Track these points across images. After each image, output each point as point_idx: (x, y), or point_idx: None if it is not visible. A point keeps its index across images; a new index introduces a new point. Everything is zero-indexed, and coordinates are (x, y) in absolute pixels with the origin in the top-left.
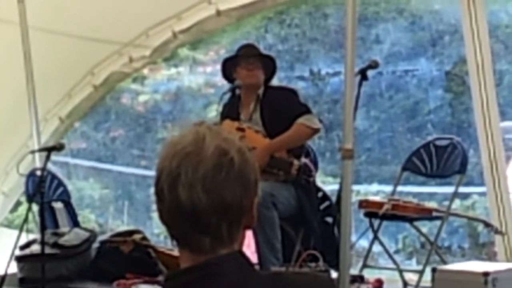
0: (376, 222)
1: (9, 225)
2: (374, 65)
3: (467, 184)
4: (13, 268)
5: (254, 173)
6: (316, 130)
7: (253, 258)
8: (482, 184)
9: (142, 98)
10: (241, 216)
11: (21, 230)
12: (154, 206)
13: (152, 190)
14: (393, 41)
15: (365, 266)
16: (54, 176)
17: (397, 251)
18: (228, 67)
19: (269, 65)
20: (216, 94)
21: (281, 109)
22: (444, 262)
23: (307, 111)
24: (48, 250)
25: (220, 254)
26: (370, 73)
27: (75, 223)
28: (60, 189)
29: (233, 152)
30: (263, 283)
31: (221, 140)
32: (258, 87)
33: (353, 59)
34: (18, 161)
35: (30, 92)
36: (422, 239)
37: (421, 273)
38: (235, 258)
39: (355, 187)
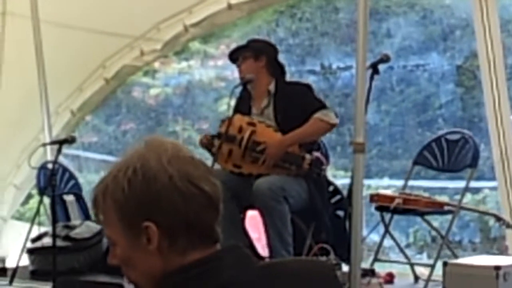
0: (387, 216)
1: (20, 217)
2: (385, 59)
3: (478, 178)
4: (25, 260)
5: None
6: (333, 125)
7: (264, 252)
8: (493, 178)
9: (153, 91)
10: None
11: (32, 223)
12: None
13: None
14: (404, 35)
15: (376, 260)
16: (65, 169)
17: (408, 245)
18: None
19: (267, 52)
20: (227, 88)
21: (296, 104)
22: (455, 256)
23: (324, 106)
24: (59, 243)
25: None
26: (381, 67)
27: (86, 216)
28: (72, 182)
29: None
30: (259, 274)
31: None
32: (258, 79)
33: (364, 53)
34: (30, 154)
35: (41, 86)
36: (433, 233)
37: (432, 267)
38: (233, 251)
39: (366, 181)
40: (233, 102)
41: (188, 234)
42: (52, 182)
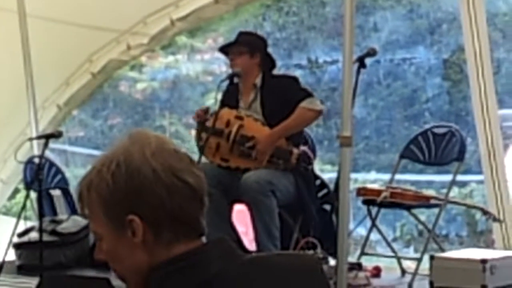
0: (374, 210)
1: (7, 212)
2: (372, 53)
3: (465, 172)
4: (11, 255)
5: None
6: (319, 112)
7: (251, 246)
8: (480, 172)
9: (140, 85)
10: None
11: (19, 218)
12: None
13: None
14: (391, 29)
15: (363, 253)
16: (52, 164)
17: (395, 239)
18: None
19: (261, 50)
20: (214, 82)
21: (282, 96)
22: (442, 250)
23: (309, 94)
24: (46, 238)
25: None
26: (368, 61)
27: (73, 211)
28: (58, 177)
29: None
30: (245, 268)
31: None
32: (249, 74)
33: (351, 47)
34: (16, 149)
35: (28, 80)
36: (420, 227)
37: (419, 260)
38: (219, 244)
39: (353, 175)
40: (219, 96)
41: (173, 227)
42: (39, 176)
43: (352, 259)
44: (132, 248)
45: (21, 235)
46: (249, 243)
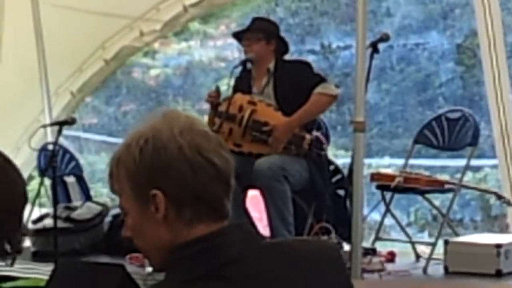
0: (388, 195)
1: None
2: (385, 38)
3: (479, 156)
4: (26, 242)
5: None
6: (335, 97)
7: (265, 231)
8: (493, 156)
9: (153, 72)
10: None
11: (33, 205)
12: None
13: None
14: (404, 14)
15: (377, 238)
16: (66, 151)
17: (409, 224)
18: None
19: (277, 38)
20: (227, 68)
21: (295, 82)
22: (456, 235)
23: (322, 79)
24: (60, 224)
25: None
26: (381, 46)
27: (87, 197)
28: (72, 163)
29: None
30: (266, 253)
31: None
32: (263, 60)
33: (364, 32)
34: (30, 136)
35: (41, 67)
36: (434, 211)
37: (433, 245)
38: (239, 228)
39: (367, 161)
40: (232, 82)
41: (195, 206)
42: (53, 163)
43: (367, 244)
44: (154, 224)
45: (35, 222)
46: (263, 228)
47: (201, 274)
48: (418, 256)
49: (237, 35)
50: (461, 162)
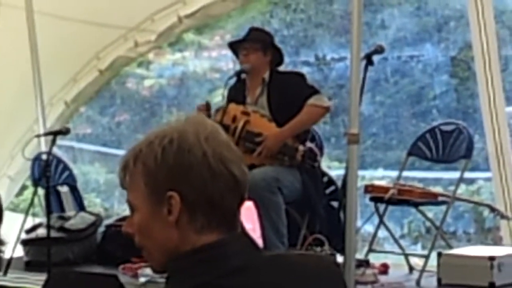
0: (381, 207)
1: (14, 209)
2: (379, 50)
3: (473, 169)
4: (19, 251)
5: None
6: (327, 108)
7: (259, 243)
8: (487, 169)
9: (147, 82)
10: None
11: (27, 214)
12: None
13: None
14: (399, 26)
15: (370, 250)
16: (59, 160)
17: (402, 236)
18: (238, 51)
19: (274, 49)
20: (221, 79)
21: (289, 93)
22: (450, 247)
23: (315, 91)
24: (54, 234)
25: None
26: (375, 58)
27: (81, 207)
28: (66, 173)
29: None
30: (267, 264)
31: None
32: (259, 71)
33: (358, 44)
34: (24, 145)
35: (35, 77)
36: (428, 224)
37: (426, 257)
38: (240, 239)
39: (361, 172)
40: (226, 92)
41: (209, 213)
42: (47, 173)
43: (360, 256)
44: (164, 225)
45: (29, 231)
46: (257, 240)
47: (201, 283)
48: (411, 268)
49: (233, 45)
50: (455, 175)
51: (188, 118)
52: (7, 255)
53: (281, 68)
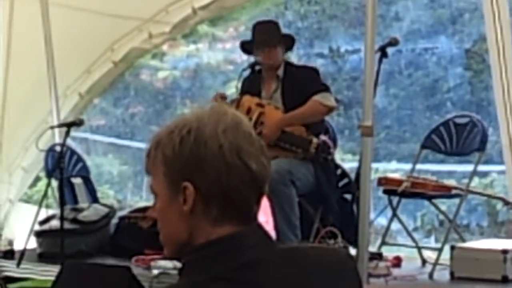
0: (395, 200)
1: (28, 200)
2: (394, 42)
3: (486, 162)
4: (32, 243)
5: None
6: (331, 109)
7: (272, 235)
8: (501, 162)
9: (161, 74)
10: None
11: (40, 206)
12: None
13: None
14: (413, 18)
15: (383, 243)
16: (73, 152)
17: (415, 229)
18: (249, 46)
19: (287, 40)
20: (235, 71)
21: (302, 88)
22: (463, 240)
23: (325, 89)
24: (67, 226)
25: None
26: (389, 50)
27: (94, 199)
28: (79, 165)
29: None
30: (281, 257)
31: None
32: (278, 66)
33: (373, 37)
34: (38, 137)
35: (49, 68)
36: (441, 217)
37: (439, 250)
38: (255, 232)
39: (374, 165)
40: (240, 84)
41: (223, 205)
42: (60, 164)
43: (373, 249)
44: (179, 214)
45: (42, 223)
46: (270, 232)
47: (214, 276)
48: (424, 261)
49: (246, 44)
50: (469, 168)
51: (211, 107)
52: (20, 247)
53: (295, 60)
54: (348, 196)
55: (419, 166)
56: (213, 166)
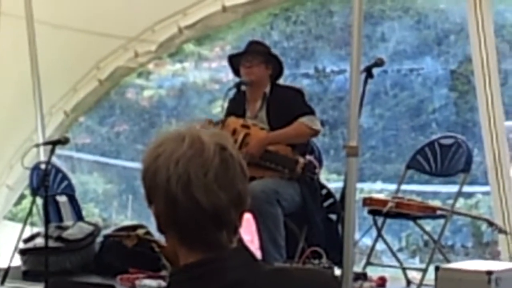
0: (380, 220)
1: (13, 218)
2: (379, 63)
3: (471, 183)
4: (17, 261)
5: (242, 160)
6: (316, 132)
7: (257, 255)
8: (486, 183)
9: (147, 93)
10: (246, 203)
11: (25, 223)
12: None
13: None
14: (399, 39)
15: (368, 263)
16: (58, 170)
17: (400, 249)
18: (236, 64)
19: (275, 62)
20: (221, 90)
21: (287, 108)
22: (448, 261)
23: (311, 112)
24: (51, 244)
25: (228, 248)
26: (375, 71)
27: (79, 217)
28: (65, 183)
29: (229, 145)
30: (266, 278)
31: (215, 137)
32: (261, 84)
33: (358, 57)
34: (23, 155)
35: (35, 86)
36: (426, 237)
37: (424, 271)
38: (240, 253)
39: (359, 185)
40: (226, 104)
41: (179, 234)
42: (45, 182)
43: (358, 269)
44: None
45: (26, 241)
46: (255, 252)
47: None
48: (409, 282)
49: (234, 58)
50: (453, 188)
51: (176, 132)
52: (4, 265)
53: (281, 80)
54: (333, 216)
55: (404, 187)
56: (161, 196)
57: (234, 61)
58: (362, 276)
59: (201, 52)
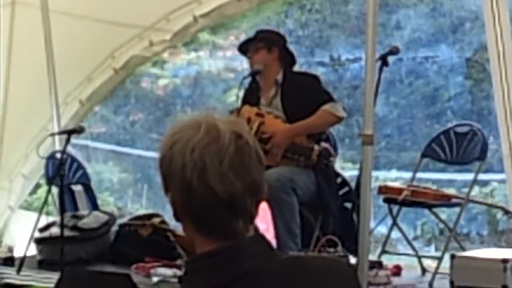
0: (395, 208)
1: (28, 207)
2: (395, 51)
3: (487, 171)
4: (32, 250)
5: (259, 147)
6: (341, 118)
7: (272, 243)
8: (501, 171)
9: (162, 82)
10: (263, 192)
11: (40, 213)
12: None
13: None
14: (414, 27)
15: (383, 252)
16: (73, 159)
17: (415, 238)
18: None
19: (278, 43)
20: (235, 79)
21: (303, 94)
22: (463, 249)
23: (332, 98)
24: (67, 233)
25: (245, 237)
26: (390, 59)
27: (94, 206)
28: (80, 172)
29: (245, 133)
30: (282, 267)
31: (231, 124)
32: (270, 70)
33: (373, 45)
34: (38, 144)
35: (50, 75)
36: (441, 225)
37: (439, 259)
38: (256, 242)
39: (374, 173)
40: (241, 93)
41: (195, 222)
42: (61, 172)
43: (373, 257)
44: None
45: (42, 230)
46: (270, 240)
47: (215, 286)
48: (424, 270)
49: (241, 49)
50: (469, 176)
51: (202, 117)
52: (20, 254)
53: (296, 68)
54: (348, 205)
55: (419, 175)
56: (177, 184)
57: (245, 50)
58: (377, 265)
59: (216, 41)
